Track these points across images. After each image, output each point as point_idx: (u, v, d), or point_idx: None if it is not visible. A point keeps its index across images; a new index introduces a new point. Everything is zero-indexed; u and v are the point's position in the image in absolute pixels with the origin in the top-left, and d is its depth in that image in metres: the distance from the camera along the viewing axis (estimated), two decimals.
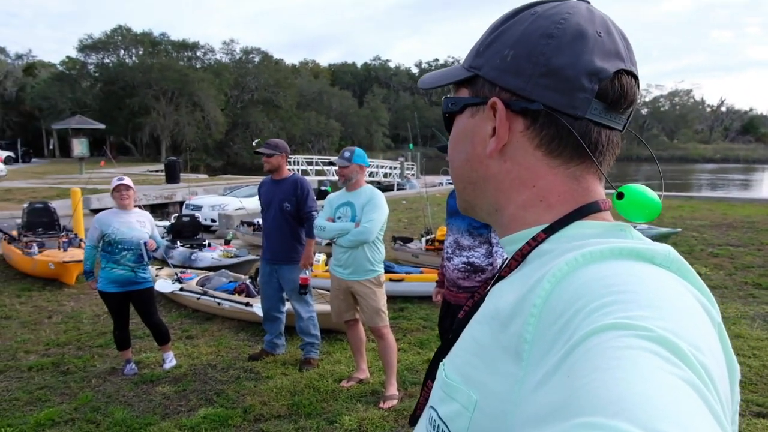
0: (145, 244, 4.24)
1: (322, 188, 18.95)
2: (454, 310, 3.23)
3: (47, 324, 5.68)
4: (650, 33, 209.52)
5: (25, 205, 8.81)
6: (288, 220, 4.41)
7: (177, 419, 3.62)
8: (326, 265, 7.05)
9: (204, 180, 23.54)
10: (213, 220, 13.32)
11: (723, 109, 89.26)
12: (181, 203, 16.08)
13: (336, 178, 4.07)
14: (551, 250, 0.57)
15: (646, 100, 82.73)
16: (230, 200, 14.75)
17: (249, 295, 5.85)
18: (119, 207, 4.28)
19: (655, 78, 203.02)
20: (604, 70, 0.58)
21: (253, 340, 5.13)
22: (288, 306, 4.72)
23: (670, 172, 49.27)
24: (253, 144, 4.91)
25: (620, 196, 0.59)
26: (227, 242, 8.93)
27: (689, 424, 0.34)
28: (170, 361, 4.52)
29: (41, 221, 8.59)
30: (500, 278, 0.62)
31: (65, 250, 7.31)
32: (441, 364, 0.63)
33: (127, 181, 4.30)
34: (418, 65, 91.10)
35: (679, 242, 9.33)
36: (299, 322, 4.49)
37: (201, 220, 13.55)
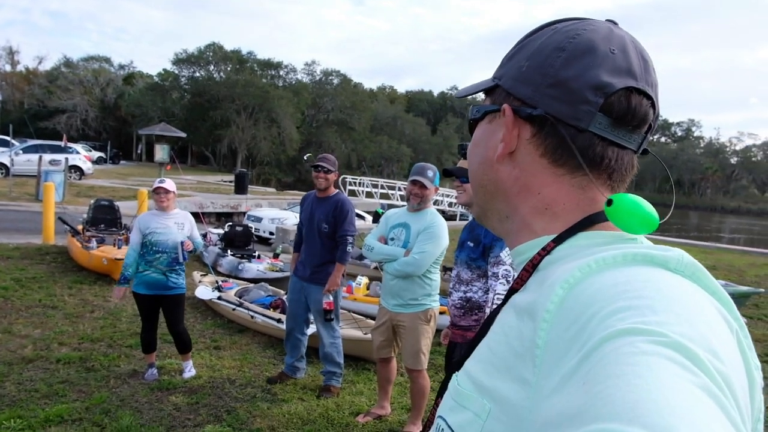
0: (182, 243, 4.21)
1: (380, 210, 18.84)
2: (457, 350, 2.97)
3: (88, 318, 5.77)
4: (747, 79, 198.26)
5: (92, 202, 9.21)
6: (324, 240, 4.23)
7: None
8: (367, 288, 6.83)
9: (270, 193, 24.12)
10: (271, 233, 13.48)
11: None
12: (245, 213, 16.44)
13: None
14: (563, 258, 0.57)
15: (737, 148, 77.63)
16: (290, 215, 14.89)
17: (284, 311, 5.72)
18: (158, 209, 4.27)
19: (749, 126, 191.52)
20: (610, 84, 0.58)
21: (279, 359, 4.95)
22: (312, 329, 4.52)
23: (760, 226, 45.72)
24: (304, 159, 4.83)
25: (609, 203, 0.56)
26: (276, 255, 8.92)
27: (706, 431, 0.34)
28: (189, 370, 4.41)
29: (105, 218, 8.94)
30: (514, 291, 0.61)
31: (119, 248, 7.50)
32: (454, 375, 0.62)
33: (168, 184, 4.28)
34: None
35: (761, 303, 8.44)
36: (322, 347, 4.27)
37: (260, 232, 13.83)
